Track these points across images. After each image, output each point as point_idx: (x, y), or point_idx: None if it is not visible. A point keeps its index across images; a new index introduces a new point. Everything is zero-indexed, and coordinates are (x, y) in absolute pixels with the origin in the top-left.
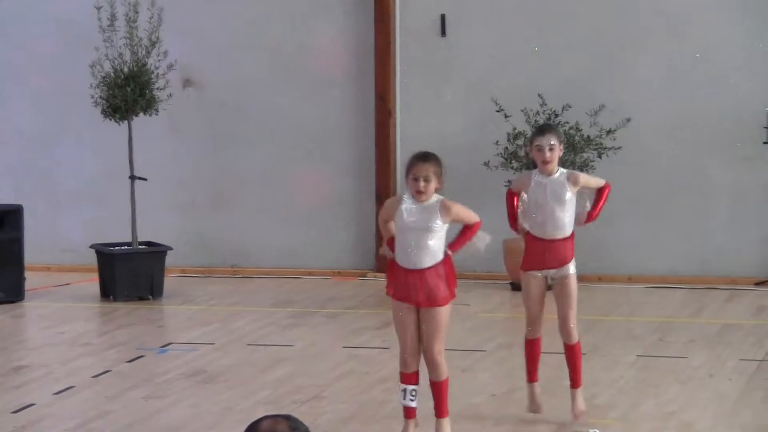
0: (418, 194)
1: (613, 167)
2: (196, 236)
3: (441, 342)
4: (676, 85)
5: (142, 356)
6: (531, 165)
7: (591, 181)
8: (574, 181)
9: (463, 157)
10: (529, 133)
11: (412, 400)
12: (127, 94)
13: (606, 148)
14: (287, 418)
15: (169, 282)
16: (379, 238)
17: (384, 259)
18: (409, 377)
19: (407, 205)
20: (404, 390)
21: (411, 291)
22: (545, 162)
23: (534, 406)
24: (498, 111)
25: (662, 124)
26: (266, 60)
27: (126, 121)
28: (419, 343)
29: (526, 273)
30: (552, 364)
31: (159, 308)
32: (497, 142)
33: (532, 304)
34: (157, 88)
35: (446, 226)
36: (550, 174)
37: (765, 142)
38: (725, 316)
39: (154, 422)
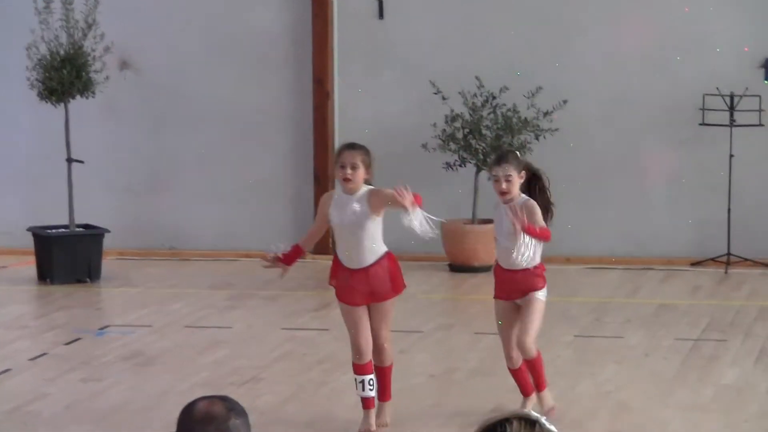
0: (345, 182)
1: (550, 149)
2: (134, 219)
3: (388, 330)
4: (613, 68)
5: (79, 339)
6: (467, 148)
7: (539, 219)
8: (529, 213)
9: (401, 139)
10: (466, 115)
11: (371, 390)
12: (64, 77)
13: (543, 130)
14: (223, 399)
15: (107, 264)
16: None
17: (323, 241)
18: (364, 368)
19: (337, 196)
20: (362, 381)
21: (357, 293)
22: (501, 193)
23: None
24: (435, 93)
25: (599, 106)
26: (204, 43)
27: (62, 104)
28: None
29: (496, 301)
30: (489, 344)
31: (97, 291)
32: (435, 124)
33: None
34: (94, 71)
35: (379, 218)
36: (509, 203)
37: (701, 124)
38: (661, 297)
39: (92, 404)
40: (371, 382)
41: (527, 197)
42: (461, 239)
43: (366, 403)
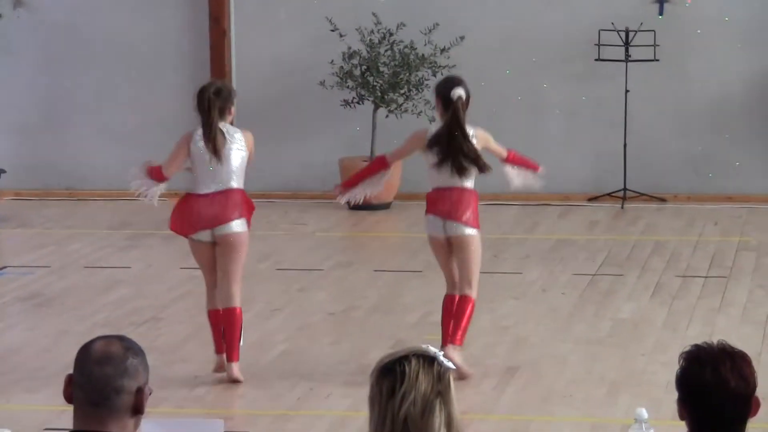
0: None
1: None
2: (30, 159)
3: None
4: (510, 4)
5: None
6: (364, 85)
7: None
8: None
9: (299, 76)
10: (364, 52)
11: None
12: None
13: (440, 66)
14: (120, 338)
15: (4, 205)
16: None
17: None
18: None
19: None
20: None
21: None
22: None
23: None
24: (333, 30)
25: (496, 42)
26: None
27: None
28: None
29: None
30: (388, 281)
31: None
32: (332, 61)
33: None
34: None
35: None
36: None
37: (596, 60)
38: (558, 232)
39: None
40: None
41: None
42: None
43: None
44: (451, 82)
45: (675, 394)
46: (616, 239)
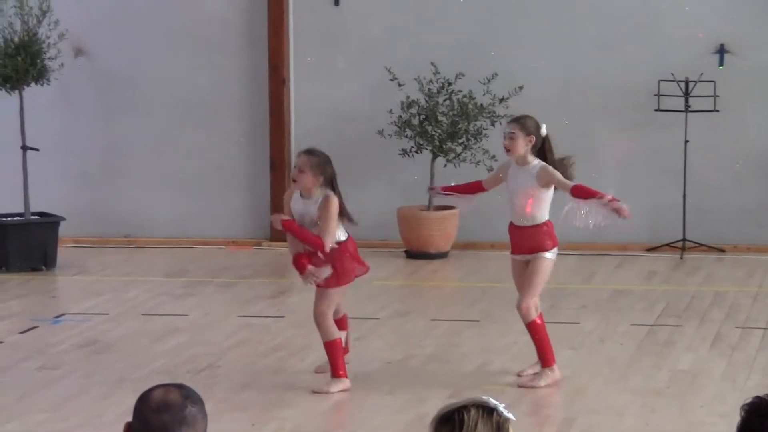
0: (293, 183)
1: None
2: (89, 206)
3: (322, 306)
4: (568, 53)
5: (35, 327)
6: (423, 134)
7: (559, 179)
8: (541, 174)
9: (357, 125)
10: (422, 101)
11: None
12: (18, 64)
13: (499, 116)
14: (179, 386)
15: (63, 252)
16: (272, 206)
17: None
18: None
19: (296, 196)
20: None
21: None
22: (506, 149)
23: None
24: (391, 80)
25: (554, 91)
26: (158, 28)
27: (17, 91)
28: None
29: (511, 257)
30: (445, 331)
31: (52, 279)
32: (391, 110)
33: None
34: (49, 58)
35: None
36: (522, 164)
37: (656, 110)
38: (616, 282)
39: (47, 392)
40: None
41: (541, 161)
42: (417, 226)
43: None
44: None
45: None
46: (674, 290)
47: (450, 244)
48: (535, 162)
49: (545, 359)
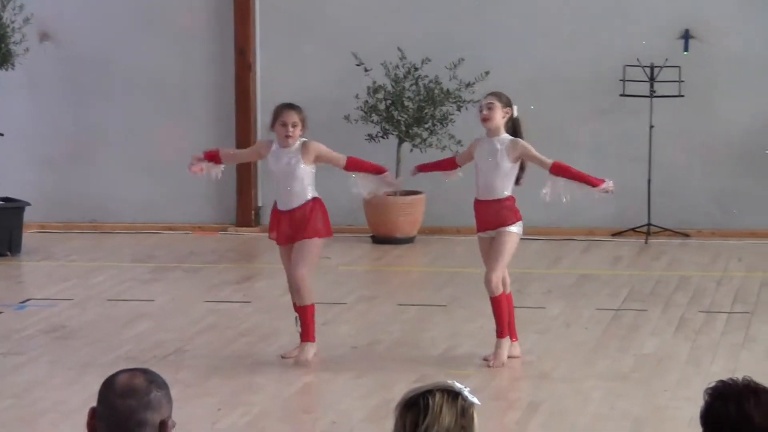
0: (287, 138)
1: (473, 121)
2: (55, 191)
3: (305, 269)
4: (535, 39)
5: (0, 312)
6: (389, 120)
7: (532, 151)
8: (513, 146)
9: (324, 110)
10: (389, 87)
11: (297, 327)
12: None
13: (465, 101)
14: (144, 371)
15: (28, 238)
16: (238, 191)
17: (245, 213)
18: (294, 305)
19: (274, 149)
20: (295, 317)
21: (281, 233)
22: (483, 119)
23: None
24: (358, 65)
25: (521, 77)
26: (125, 13)
27: None
28: None
29: (477, 235)
30: (411, 316)
31: (17, 264)
32: (357, 95)
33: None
34: (14, 42)
35: (311, 167)
36: (493, 135)
37: (621, 95)
38: (582, 267)
39: (13, 378)
40: (296, 320)
41: (513, 137)
42: (384, 211)
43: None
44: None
45: (699, 430)
46: (639, 274)
47: (416, 229)
48: (506, 135)
49: (501, 330)
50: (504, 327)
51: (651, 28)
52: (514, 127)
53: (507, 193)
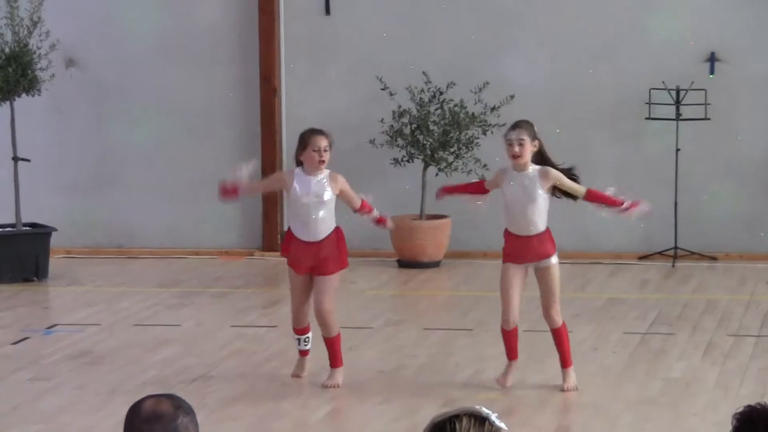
0: (320, 164)
1: (498, 144)
2: (81, 217)
3: (331, 302)
4: (559, 62)
5: (27, 338)
6: (414, 144)
7: (564, 179)
8: (544, 177)
9: (349, 135)
10: (414, 111)
11: (305, 344)
12: (9, 75)
13: (490, 125)
14: (170, 397)
15: (55, 263)
16: (264, 216)
17: (272, 238)
18: (300, 330)
19: (299, 177)
20: (297, 339)
21: (302, 263)
22: (514, 156)
23: (502, 380)
24: (383, 89)
25: (546, 100)
26: (150, 39)
27: (8, 102)
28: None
29: (505, 264)
30: (437, 340)
31: (44, 290)
32: (382, 120)
33: (508, 294)
34: (40, 69)
35: (334, 197)
36: (522, 170)
37: (647, 118)
38: (609, 291)
39: (40, 404)
40: (306, 339)
41: (541, 166)
42: (409, 235)
43: (300, 353)
44: None
45: None
46: (667, 298)
47: (442, 253)
48: (533, 167)
49: (567, 360)
50: (569, 355)
51: (677, 50)
52: (540, 153)
53: (544, 227)
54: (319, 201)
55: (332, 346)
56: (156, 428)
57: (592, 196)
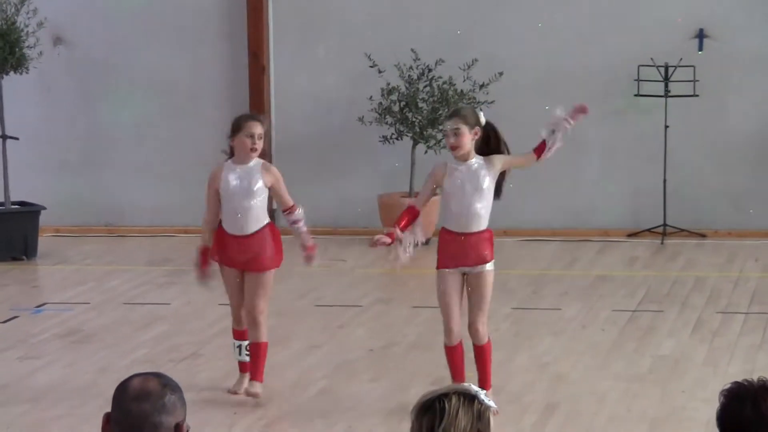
0: (251, 152)
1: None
2: (70, 195)
3: (265, 303)
4: (548, 39)
5: (16, 317)
6: (403, 121)
7: (510, 159)
8: (489, 162)
9: (338, 112)
10: (402, 88)
11: (246, 355)
12: None
13: (479, 102)
14: (158, 375)
15: (43, 242)
16: None
17: None
18: (240, 333)
19: (228, 166)
20: (239, 346)
21: (235, 259)
22: (451, 147)
23: None
24: (371, 66)
25: (534, 77)
26: (137, 17)
27: None
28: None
29: (440, 271)
30: (427, 318)
31: (33, 268)
32: (371, 97)
33: (448, 305)
34: (27, 46)
35: (265, 189)
36: (464, 160)
37: (636, 95)
38: (598, 268)
39: (30, 382)
40: (247, 348)
41: (485, 156)
42: (398, 213)
43: (240, 366)
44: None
45: None
46: (655, 275)
47: (432, 231)
48: (477, 158)
49: (487, 381)
50: (490, 376)
51: (665, 27)
52: (488, 137)
53: (486, 224)
54: (248, 190)
55: (257, 352)
56: (144, 406)
57: (540, 151)
